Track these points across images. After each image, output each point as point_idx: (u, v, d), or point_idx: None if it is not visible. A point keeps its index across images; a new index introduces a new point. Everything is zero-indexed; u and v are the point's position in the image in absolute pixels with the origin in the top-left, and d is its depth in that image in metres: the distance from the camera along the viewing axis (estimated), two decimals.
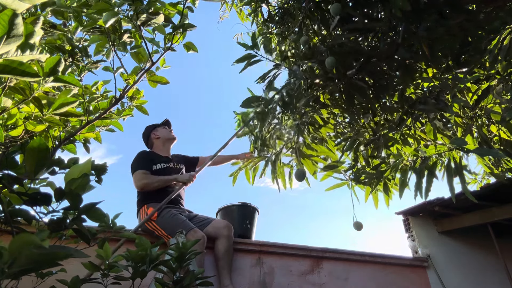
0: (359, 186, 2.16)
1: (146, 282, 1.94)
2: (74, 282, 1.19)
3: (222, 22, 3.50)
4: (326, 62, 1.67)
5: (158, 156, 2.75)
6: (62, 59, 1.00)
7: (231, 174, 2.75)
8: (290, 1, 2.21)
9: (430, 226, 3.50)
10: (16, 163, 0.97)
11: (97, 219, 0.95)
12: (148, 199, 2.49)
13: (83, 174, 0.89)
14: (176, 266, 1.32)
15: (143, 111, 1.79)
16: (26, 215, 0.97)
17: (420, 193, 1.61)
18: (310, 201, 14.13)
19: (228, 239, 2.38)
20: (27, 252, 0.59)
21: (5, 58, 0.77)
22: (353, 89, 1.82)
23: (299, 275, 2.68)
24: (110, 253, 1.24)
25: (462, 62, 1.75)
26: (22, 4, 0.78)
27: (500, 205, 3.08)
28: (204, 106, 11.43)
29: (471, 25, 1.61)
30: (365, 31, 1.82)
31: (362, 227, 2.00)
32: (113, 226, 1.29)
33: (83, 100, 1.48)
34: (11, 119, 1.19)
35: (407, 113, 1.83)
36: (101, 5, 1.34)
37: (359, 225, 2.00)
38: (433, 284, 3.08)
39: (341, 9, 1.65)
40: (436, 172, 1.63)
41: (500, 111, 1.82)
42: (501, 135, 1.94)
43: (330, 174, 2.23)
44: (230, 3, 3.15)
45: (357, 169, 2.10)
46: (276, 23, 2.30)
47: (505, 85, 1.68)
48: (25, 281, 1.19)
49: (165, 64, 1.73)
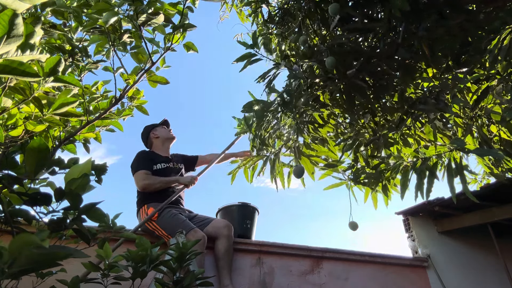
0: (358, 187, 2.16)
1: (146, 282, 1.94)
2: (74, 282, 1.19)
3: (222, 22, 3.50)
4: (326, 62, 1.67)
5: (158, 156, 2.75)
6: (62, 59, 1.00)
7: (229, 172, 2.75)
8: (290, 1, 2.21)
9: (430, 226, 3.50)
10: (16, 163, 0.97)
11: (97, 219, 0.95)
12: (148, 199, 2.49)
13: (83, 174, 0.89)
14: (176, 266, 1.32)
15: (143, 111, 1.79)
16: (26, 215, 0.97)
17: (422, 194, 1.61)
18: (310, 201, 14.14)
19: (228, 238, 2.38)
20: (27, 252, 0.59)
21: (5, 58, 0.77)
22: (353, 89, 1.82)
23: (299, 275, 2.68)
24: (110, 253, 1.24)
25: (462, 62, 1.75)
26: (22, 4, 0.78)
27: (500, 205, 3.07)
28: (205, 106, 11.43)
29: (471, 25, 1.61)
30: (365, 31, 1.82)
31: (357, 227, 2.00)
32: (113, 226, 1.29)
33: (83, 100, 1.48)
34: (11, 119, 1.19)
35: (407, 113, 1.83)
36: (101, 5, 1.34)
37: (355, 225, 2.01)
38: (433, 284, 3.08)
39: (339, 9, 1.65)
40: (436, 172, 1.63)
41: (500, 111, 1.82)
42: (501, 135, 1.94)
43: (329, 173, 2.23)
44: (230, 4, 3.15)
45: (357, 169, 2.10)
46: (276, 24, 2.29)
47: (505, 85, 1.68)
48: (25, 281, 1.19)
49: (165, 64, 1.73)
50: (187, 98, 11.52)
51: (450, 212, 3.36)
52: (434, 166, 1.62)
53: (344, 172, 2.17)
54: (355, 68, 1.75)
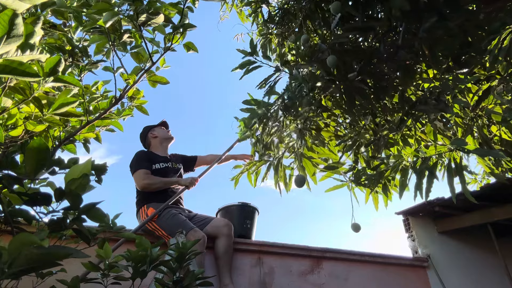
0: (359, 188, 2.16)
1: (146, 282, 1.94)
2: (74, 282, 1.19)
3: (223, 22, 3.50)
4: (328, 61, 1.67)
5: (156, 156, 2.75)
6: (62, 59, 1.00)
7: (232, 178, 2.75)
8: (290, 1, 2.20)
9: (430, 226, 3.50)
10: (16, 163, 0.97)
11: (97, 219, 0.95)
12: (148, 200, 2.49)
13: (83, 174, 0.89)
14: (176, 266, 1.32)
15: (143, 111, 1.79)
16: (26, 215, 0.97)
17: (421, 194, 1.61)
18: (310, 201, 14.14)
19: (228, 238, 2.38)
20: (27, 252, 0.59)
21: (5, 58, 0.77)
22: (354, 91, 1.82)
23: (299, 275, 2.68)
24: (110, 253, 1.24)
25: (463, 63, 1.75)
26: (22, 4, 0.78)
27: (500, 205, 3.07)
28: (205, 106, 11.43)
29: (471, 26, 1.60)
30: (365, 30, 1.82)
31: (360, 229, 2.00)
32: (113, 226, 1.29)
33: (83, 100, 1.48)
34: (11, 119, 1.19)
35: (407, 114, 1.83)
36: (101, 5, 1.34)
37: (357, 227, 2.01)
38: (433, 284, 3.08)
39: (341, 7, 1.65)
40: (436, 172, 1.63)
41: (500, 111, 1.82)
42: (502, 136, 1.94)
43: (330, 175, 2.23)
44: (230, 4, 3.15)
45: (357, 170, 2.10)
46: (276, 24, 2.30)
47: (505, 86, 1.68)
48: (25, 281, 1.19)
49: (165, 64, 1.73)
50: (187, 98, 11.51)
51: (450, 212, 3.35)
52: (434, 166, 1.62)
53: (345, 174, 2.17)
54: (356, 70, 1.75)
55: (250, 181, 2.65)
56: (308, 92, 1.87)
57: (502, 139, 1.95)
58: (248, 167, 2.64)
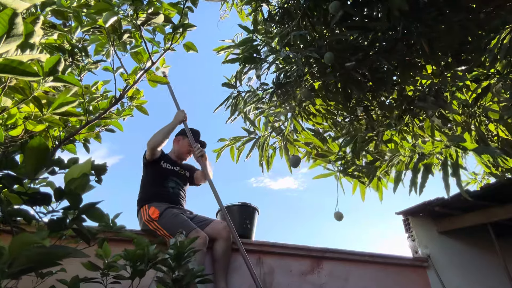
0: (347, 178, 2.16)
1: (146, 282, 1.93)
2: (74, 282, 1.19)
3: (223, 22, 3.50)
4: (325, 57, 1.66)
5: (168, 157, 2.81)
6: (62, 59, 1.00)
7: (215, 150, 2.74)
8: (290, 0, 2.20)
9: (430, 226, 3.50)
10: (16, 163, 0.96)
11: (97, 219, 0.95)
12: (149, 199, 2.50)
13: (83, 174, 0.89)
14: (175, 264, 1.32)
15: (143, 111, 1.79)
16: (26, 215, 0.97)
17: (415, 189, 1.60)
18: (310, 201, 14.13)
19: (226, 241, 2.38)
20: (27, 252, 0.59)
21: (5, 58, 0.77)
22: (350, 82, 1.82)
23: (299, 275, 2.67)
24: (109, 252, 1.24)
25: (462, 60, 1.75)
26: (22, 3, 0.78)
27: (500, 205, 3.07)
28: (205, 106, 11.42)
29: (472, 24, 1.60)
30: (364, 29, 1.82)
31: (342, 217, 2.02)
32: (113, 226, 1.29)
33: (83, 100, 1.48)
34: (11, 119, 1.19)
35: (405, 110, 1.83)
36: (101, 5, 1.34)
37: (340, 216, 2.02)
38: (433, 284, 3.08)
39: (340, 6, 1.64)
40: (433, 169, 1.63)
41: (498, 109, 1.82)
42: (500, 134, 1.94)
43: (319, 163, 2.23)
44: (230, 3, 3.15)
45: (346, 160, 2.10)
46: (276, 23, 2.29)
47: (504, 84, 1.68)
48: (25, 281, 1.19)
49: (165, 64, 1.73)
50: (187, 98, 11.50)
51: (450, 212, 3.35)
52: (430, 162, 1.62)
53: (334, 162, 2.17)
54: (353, 62, 1.74)
55: (232, 156, 2.66)
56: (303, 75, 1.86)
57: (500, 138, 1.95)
58: (234, 141, 2.64)
